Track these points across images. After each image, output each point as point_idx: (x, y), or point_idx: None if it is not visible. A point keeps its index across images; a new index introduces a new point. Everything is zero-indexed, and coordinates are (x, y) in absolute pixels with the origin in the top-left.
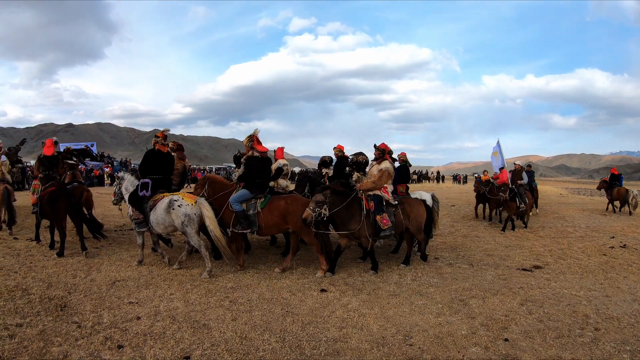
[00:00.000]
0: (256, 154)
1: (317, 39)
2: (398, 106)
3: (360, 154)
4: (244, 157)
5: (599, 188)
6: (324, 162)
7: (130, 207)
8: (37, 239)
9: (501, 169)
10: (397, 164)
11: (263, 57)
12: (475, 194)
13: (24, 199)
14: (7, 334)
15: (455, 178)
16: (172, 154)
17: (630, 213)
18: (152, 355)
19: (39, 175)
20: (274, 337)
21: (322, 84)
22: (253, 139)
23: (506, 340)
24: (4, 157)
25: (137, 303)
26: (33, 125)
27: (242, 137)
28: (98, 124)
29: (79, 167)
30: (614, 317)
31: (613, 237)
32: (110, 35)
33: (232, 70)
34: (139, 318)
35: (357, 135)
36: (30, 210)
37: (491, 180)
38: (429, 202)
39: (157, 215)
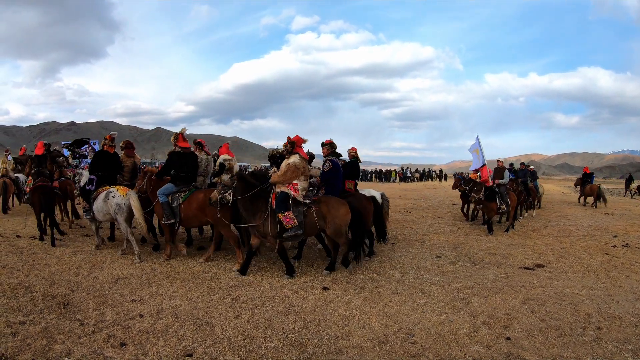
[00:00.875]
0: (178, 149)
1: (320, 37)
2: (401, 104)
3: (278, 150)
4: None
5: (575, 185)
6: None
7: (82, 197)
8: (41, 235)
9: (482, 167)
10: (346, 160)
11: (266, 56)
12: (458, 193)
13: None
14: (10, 332)
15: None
16: (122, 152)
17: (595, 206)
18: (154, 353)
19: (31, 171)
20: (276, 335)
21: (325, 82)
22: (178, 136)
23: (508, 338)
24: (10, 157)
25: (139, 301)
26: (36, 124)
27: (245, 135)
28: (100, 122)
29: (65, 164)
30: (616, 316)
31: (615, 236)
32: (113, 34)
33: (234, 68)
34: (141, 316)
35: (360, 134)
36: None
37: (473, 178)
38: (379, 200)
39: (98, 204)
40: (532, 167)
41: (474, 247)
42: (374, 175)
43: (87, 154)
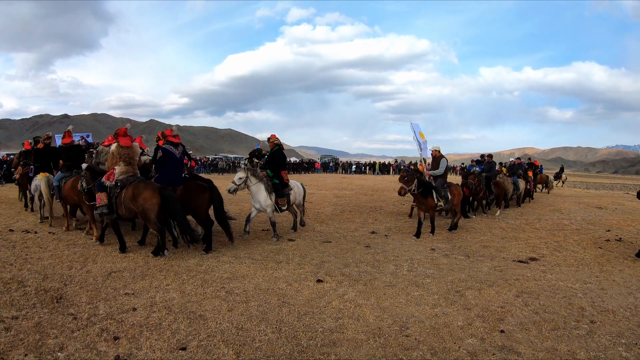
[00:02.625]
0: (62, 145)
1: (315, 30)
2: (395, 97)
3: None
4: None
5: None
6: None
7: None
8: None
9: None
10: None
11: (260, 48)
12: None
13: None
14: (3, 327)
15: (452, 169)
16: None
17: (548, 192)
18: (148, 346)
19: (20, 163)
20: (270, 328)
21: (320, 75)
22: (64, 134)
23: (502, 331)
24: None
25: (133, 294)
26: (29, 117)
27: (239, 128)
28: (94, 115)
29: None
30: (609, 310)
31: (609, 230)
32: (108, 26)
33: (229, 60)
34: (135, 309)
35: (354, 126)
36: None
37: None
38: (299, 191)
39: (32, 186)
40: (520, 160)
41: (468, 240)
42: (367, 167)
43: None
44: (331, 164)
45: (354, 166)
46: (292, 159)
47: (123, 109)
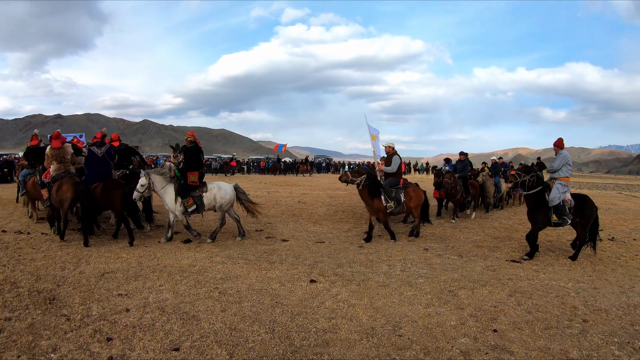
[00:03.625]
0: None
1: (310, 30)
2: (389, 97)
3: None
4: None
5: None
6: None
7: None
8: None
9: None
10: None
11: (255, 48)
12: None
13: None
14: None
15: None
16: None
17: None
18: (141, 347)
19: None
20: (263, 328)
21: (314, 75)
22: (32, 137)
23: (495, 331)
24: None
25: (126, 295)
26: (22, 117)
27: (232, 128)
28: (87, 115)
29: None
30: (602, 309)
31: (601, 230)
32: (102, 25)
33: (223, 60)
34: (128, 310)
35: (349, 126)
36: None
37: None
38: (222, 195)
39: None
40: (502, 160)
41: (461, 240)
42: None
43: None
44: (324, 164)
45: (346, 167)
46: (286, 159)
47: (117, 109)
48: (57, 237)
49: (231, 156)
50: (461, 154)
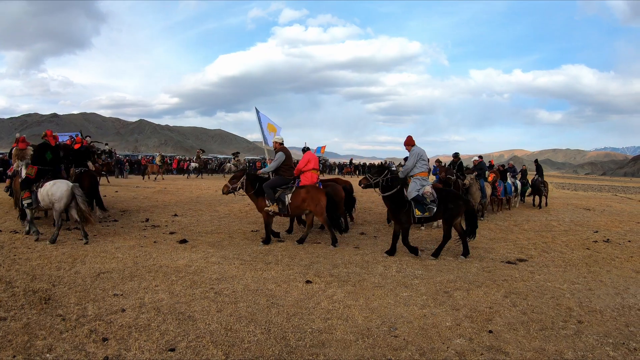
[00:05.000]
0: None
1: (307, 31)
2: (386, 99)
3: None
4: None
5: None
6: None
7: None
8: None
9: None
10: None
11: (252, 48)
12: None
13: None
14: None
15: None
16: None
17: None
18: (137, 348)
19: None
20: (259, 329)
21: (311, 76)
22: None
23: (490, 332)
24: None
25: (121, 295)
26: (17, 116)
27: (229, 128)
28: (83, 114)
29: None
30: (597, 310)
31: (597, 232)
32: (100, 25)
33: (220, 60)
34: (123, 310)
35: (345, 127)
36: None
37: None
38: (53, 192)
39: None
40: (481, 159)
41: (456, 241)
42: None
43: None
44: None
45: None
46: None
47: (113, 108)
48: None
49: (232, 156)
50: (454, 155)
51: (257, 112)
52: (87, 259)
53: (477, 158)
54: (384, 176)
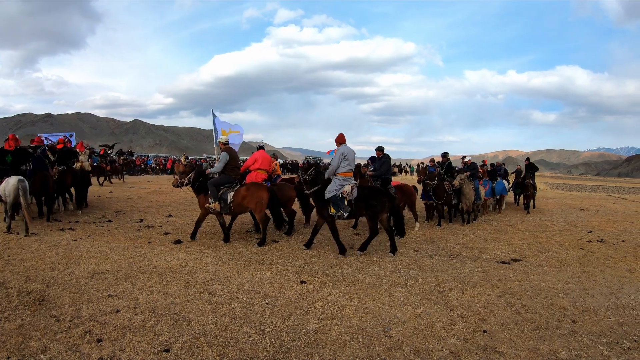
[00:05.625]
0: None
1: (302, 31)
2: (380, 99)
3: None
4: None
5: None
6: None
7: None
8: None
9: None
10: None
11: (247, 48)
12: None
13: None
14: None
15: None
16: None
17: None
18: (131, 349)
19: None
20: (253, 329)
21: (306, 76)
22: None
23: (485, 331)
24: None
25: (116, 296)
26: (11, 115)
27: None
28: (77, 114)
29: None
30: (591, 310)
31: (591, 232)
32: (95, 24)
33: (215, 60)
34: (118, 311)
35: (339, 128)
36: None
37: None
38: (10, 186)
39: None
40: (470, 161)
41: (451, 241)
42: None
43: (73, 143)
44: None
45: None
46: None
47: (107, 108)
48: (46, 238)
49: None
50: (378, 149)
51: (215, 117)
52: (81, 259)
53: (469, 158)
54: (309, 174)
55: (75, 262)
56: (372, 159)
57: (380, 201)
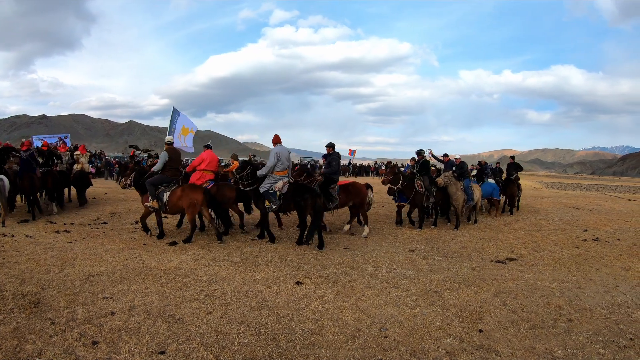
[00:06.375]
0: None
1: (298, 32)
2: (376, 99)
3: None
4: None
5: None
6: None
7: None
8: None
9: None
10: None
11: (242, 49)
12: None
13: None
14: None
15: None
16: None
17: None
18: (127, 351)
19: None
20: (249, 331)
21: (301, 77)
22: None
23: (480, 331)
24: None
25: (111, 298)
26: (6, 117)
27: (219, 129)
28: (72, 116)
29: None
30: (586, 308)
31: (586, 230)
32: (90, 25)
33: (211, 61)
34: (113, 313)
35: (335, 128)
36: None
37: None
38: None
39: None
40: (459, 160)
41: (447, 241)
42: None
43: (58, 144)
44: (309, 166)
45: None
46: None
47: (103, 109)
48: (41, 240)
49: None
50: (328, 146)
51: (178, 113)
52: (76, 262)
53: (458, 157)
54: (245, 172)
55: (70, 264)
56: (324, 156)
57: (305, 198)
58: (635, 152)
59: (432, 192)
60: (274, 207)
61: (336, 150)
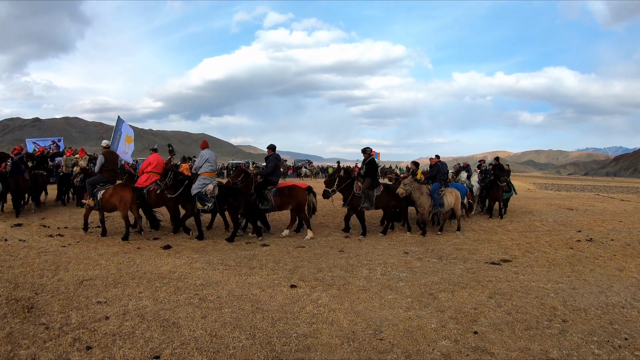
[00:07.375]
0: None
1: (292, 34)
2: (370, 102)
3: None
4: None
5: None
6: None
7: None
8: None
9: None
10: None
11: (236, 51)
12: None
13: None
14: None
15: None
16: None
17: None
18: (121, 356)
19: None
20: (244, 334)
21: (295, 79)
22: None
23: (475, 333)
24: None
25: (105, 302)
26: None
27: (213, 132)
28: (65, 119)
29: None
30: (581, 309)
31: (580, 231)
32: (84, 28)
33: (205, 64)
34: (107, 318)
35: (329, 130)
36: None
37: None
38: None
39: None
40: (437, 159)
41: (441, 243)
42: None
43: (50, 150)
44: (303, 168)
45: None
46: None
47: (96, 112)
48: (35, 244)
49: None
50: (269, 147)
51: (122, 121)
52: (70, 266)
53: (432, 157)
54: (168, 177)
55: (64, 268)
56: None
57: (237, 199)
58: (628, 153)
59: (371, 195)
60: (206, 208)
61: (157, 150)
